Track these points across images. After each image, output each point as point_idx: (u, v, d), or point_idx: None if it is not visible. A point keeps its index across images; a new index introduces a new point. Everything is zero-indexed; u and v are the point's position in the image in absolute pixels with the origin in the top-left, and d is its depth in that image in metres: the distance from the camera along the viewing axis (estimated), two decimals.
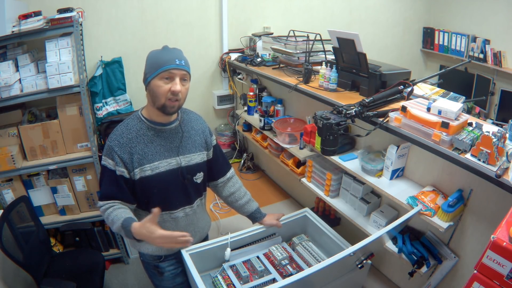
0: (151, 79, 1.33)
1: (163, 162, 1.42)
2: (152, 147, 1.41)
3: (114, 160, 1.37)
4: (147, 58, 1.38)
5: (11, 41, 2.06)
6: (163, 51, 1.37)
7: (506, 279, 0.79)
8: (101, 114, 2.56)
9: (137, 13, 2.63)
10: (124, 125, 1.42)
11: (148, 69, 1.36)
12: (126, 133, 1.39)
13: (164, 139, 1.44)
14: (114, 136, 1.40)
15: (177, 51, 1.39)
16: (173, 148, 1.45)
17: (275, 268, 1.65)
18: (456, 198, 1.32)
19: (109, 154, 1.38)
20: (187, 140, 1.49)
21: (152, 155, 1.40)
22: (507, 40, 3.44)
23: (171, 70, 1.32)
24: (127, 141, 1.38)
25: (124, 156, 1.36)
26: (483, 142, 1.12)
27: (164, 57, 1.33)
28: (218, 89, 3.13)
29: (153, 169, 1.41)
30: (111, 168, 1.38)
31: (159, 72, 1.31)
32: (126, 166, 1.38)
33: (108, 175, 1.39)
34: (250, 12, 3.03)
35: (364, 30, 3.56)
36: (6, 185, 2.31)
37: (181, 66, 1.33)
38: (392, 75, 1.66)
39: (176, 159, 1.46)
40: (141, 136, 1.40)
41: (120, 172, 1.38)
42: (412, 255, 1.45)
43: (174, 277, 1.60)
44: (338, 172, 1.80)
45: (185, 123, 1.51)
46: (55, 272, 2.10)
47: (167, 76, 1.32)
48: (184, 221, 1.55)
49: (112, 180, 1.39)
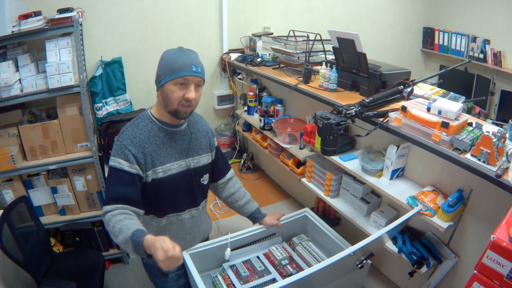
0: (165, 82, 1.29)
1: (174, 164, 1.41)
2: (164, 149, 1.38)
3: (128, 159, 1.29)
4: (162, 58, 1.33)
5: (11, 41, 2.06)
6: (179, 53, 1.31)
7: (506, 279, 0.79)
8: (101, 114, 2.56)
9: (137, 13, 2.63)
10: (135, 125, 1.37)
11: (163, 71, 1.30)
12: (138, 133, 1.34)
13: (175, 141, 1.42)
14: (125, 136, 1.33)
15: (194, 55, 1.34)
16: (183, 150, 1.44)
17: (275, 268, 1.65)
18: (456, 198, 1.32)
19: (122, 153, 1.30)
20: (195, 142, 1.48)
21: (164, 157, 1.38)
22: (507, 40, 3.44)
23: (187, 77, 1.28)
24: (139, 142, 1.33)
25: (139, 155, 1.31)
26: (483, 142, 1.12)
27: (181, 62, 1.28)
28: (218, 89, 3.13)
29: (165, 171, 1.39)
30: (122, 169, 1.29)
31: (174, 77, 1.27)
32: (140, 165, 1.33)
33: (118, 176, 1.30)
34: (250, 12, 3.04)
35: (364, 30, 3.56)
36: (6, 185, 2.31)
37: (197, 73, 1.29)
38: (392, 75, 1.66)
39: (186, 161, 1.44)
40: (153, 137, 1.36)
41: (136, 170, 1.31)
42: (412, 255, 1.45)
43: (178, 278, 1.59)
44: (338, 172, 1.80)
45: (192, 125, 1.50)
46: (55, 272, 2.10)
47: (182, 82, 1.28)
48: (190, 223, 1.55)
49: (122, 181, 1.30)
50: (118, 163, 1.30)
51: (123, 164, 1.30)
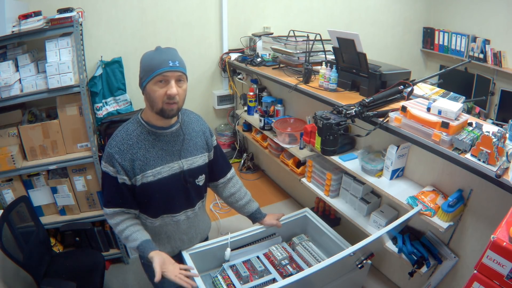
0: (146, 83, 1.29)
1: (165, 167, 1.40)
2: (153, 152, 1.38)
3: (115, 167, 1.34)
4: (141, 61, 1.33)
5: (11, 41, 2.05)
6: (155, 52, 1.31)
7: (506, 279, 0.79)
8: (101, 114, 2.56)
9: (137, 13, 2.63)
10: (124, 130, 1.38)
11: (143, 73, 1.31)
12: (126, 139, 1.35)
13: (166, 143, 1.41)
14: (114, 143, 1.35)
15: (171, 51, 1.33)
16: (175, 152, 1.42)
17: (275, 268, 1.65)
18: (456, 198, 1.32)
19: (110, 161, 1.35)
20: (188, 143, 1.46)
21: (154, 161, 1.38)
22: (507, 40, 3.44)
23: (165, 73, 1.26)
24: (128, 148, 1.34)
25: (125, 163, 1.34)
26: (483, 142, 1.12)
27: (157, 60, 1.27)
28: (218, 89, 3.13)
29: (155, 175, 1.38)
30: (112, 175, 1.36)
31: (152, 76, 1.26)
32: (127, 173, 1.35)
33: (110, 182, 1.37)
34: (250, 12, 3.03)
35: (364, 30, 3.56)
36: (6, 185, 2.31)
37: (174, 67, 1.27)
38: (392, 75, 1.66)
39: (178, 163, 1.43)
40: (141, 141, 1.36)
41: (121, 180, 1.36)
42: (412, 255, 1.45)
43: None
44: (338, 172, 1.80)
45: (186, 125, 1.48)
46: (55, 272, 2.10)
47: (161, 79, 1.27)
48: (186, 224, 1.55)
49: (114, 187, 1.37)
50: (108, 169, 1.37)
51: (111, 171, 1.36)
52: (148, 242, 1.41)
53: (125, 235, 1.41)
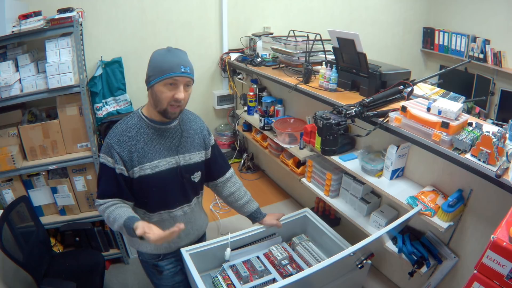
0: (155, 83, 1.32)
1: (162, 161, 1.42)
2: (152, 146, 1.41)
3: (113, 157, 1.36)
4: (151, 58, 1.35)
5: (11, 41, 2.06)
6: (168, 54, 1.33)
7: (506, 279, 0.79)
8: (101, 114, 2.56)
9: (137, 13, 2.63)
10: (124, 123, 1.41)
11: (152, 71, 1.33)
12: (126, 131, 1.38)
13: (164, 138, 1.44)
14: (113, 134, 1.39)
15: (183, 55, 1.36)
16: (173, 147, 1.45)
17: (275, 268, 1.65)
18: (456, 198, 1.32)
19: (108, 151, 1.37)
20: (186, 140, 1.50)
21: (152, 154, 1.40)
22: (507, 40, 3.44)
23: (176, 77, 1.29)
24: (127, 139, 1.37)
25: (124, 154, 1.36)
26: (483, 142, 1.12)
27: (169, 62, 1.29)
28: (218, 89, 3.13)
29: (153, 168, 1.41)
30: (110, 166, 1.37)
31: (163, 79, 1.29)
32: (125, 164, 1.37)
33: (107, 173, 1.38)
34: (250, 12, 3.03)
35: (364, 30, 3.56)
36: (6, 185, 2.31)
37: (186, 73, 1.31)
38: (392, 75, 1.66)
39: (175, 158, 1.46)
40: (141, 134, 1.39)
41: (119, 170, 1.37)
42: (412, 255, 1.45)
43: (173, 275, 1.61)
44: (338, 172, 1.80)
45: (184, 123, 1.51)
46: (55, 272, 2.10)
47: (171, 83, 1.30)
48: (182, 220, 1.55)
49: (110, 178, 1.39)
50: (106, 160, 1.38)
51: (109, 161, 1.37)
52: (134, 217, 1.34)
53: (113, 216, 1.35)
